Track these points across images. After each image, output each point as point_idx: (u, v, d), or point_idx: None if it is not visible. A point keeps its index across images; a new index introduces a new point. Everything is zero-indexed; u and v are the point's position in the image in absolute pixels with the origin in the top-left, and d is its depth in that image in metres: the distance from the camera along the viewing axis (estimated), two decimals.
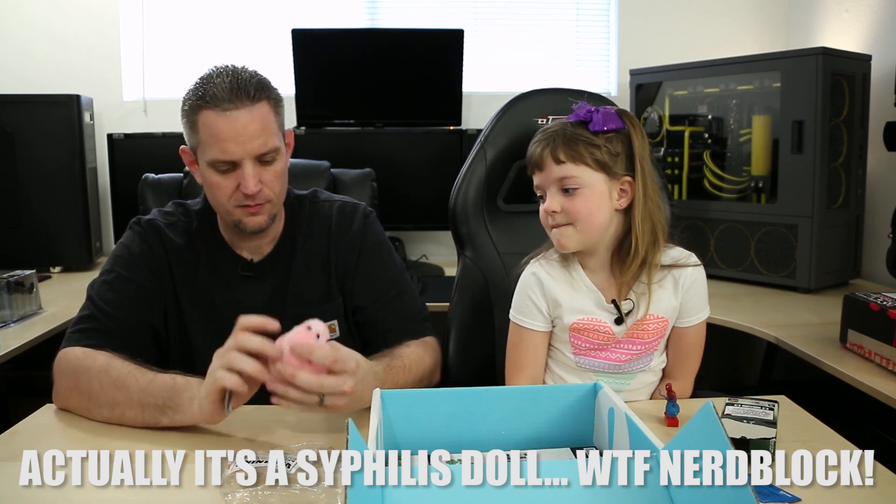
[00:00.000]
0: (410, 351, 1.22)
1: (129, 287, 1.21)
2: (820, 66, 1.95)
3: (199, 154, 1.18)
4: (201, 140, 1.16)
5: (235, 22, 2.70)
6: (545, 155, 1.14)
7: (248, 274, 1.27)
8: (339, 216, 1.32)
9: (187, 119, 1.17)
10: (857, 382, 1.37)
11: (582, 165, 1.12)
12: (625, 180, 1.14)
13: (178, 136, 1.23)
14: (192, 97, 1.16)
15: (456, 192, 1.46)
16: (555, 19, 2.80)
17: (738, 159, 2.19)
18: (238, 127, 1.13)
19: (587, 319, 1.18)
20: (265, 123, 1.16)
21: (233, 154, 1.14)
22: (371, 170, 2.25)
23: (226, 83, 1.14)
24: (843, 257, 2.13)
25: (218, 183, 1.17)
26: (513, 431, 0.94)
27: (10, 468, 0.87)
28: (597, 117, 1.14)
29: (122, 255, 1.24)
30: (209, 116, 1.13)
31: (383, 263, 1.32)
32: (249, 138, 1.14)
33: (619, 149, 1.14)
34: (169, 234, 1.26)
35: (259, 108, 1.16)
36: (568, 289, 1.19)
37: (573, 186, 1.13)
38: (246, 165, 1.15)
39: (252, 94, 1.15)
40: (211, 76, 1.16)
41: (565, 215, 1.14)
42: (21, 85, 2.49)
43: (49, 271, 2.33)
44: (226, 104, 1.13)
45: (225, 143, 1.13)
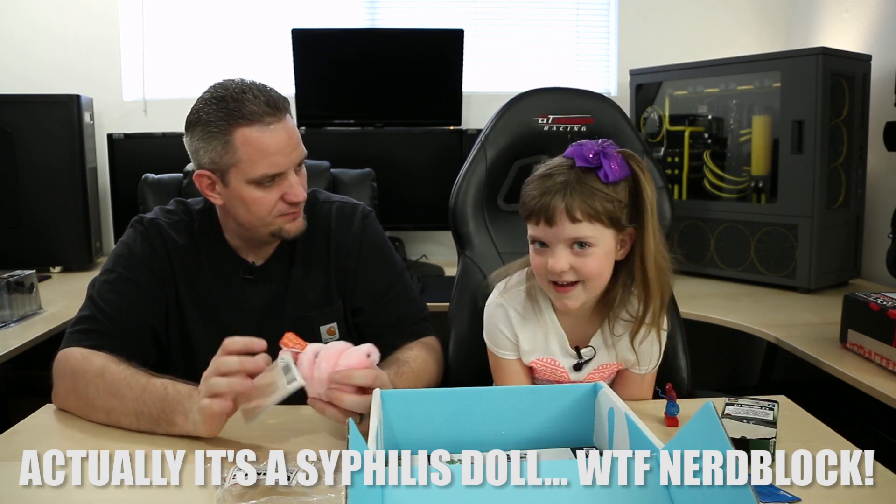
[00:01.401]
0: (415, 355, 1.22)
1: (130, 288, 1.20)
2: (820, 66, 1.95)
3: (232, 174, 1.15)
4: (241, 158, 1.14)
5: (235, 22, 2.70)
6: (559, 210, 1.02)
7: (250, 277, 1.26)
8: (339, 217, 1.31)
9: (217, 139, 1.14)
10: (857, 382, 1.37)
11: (597, 224, 1.03)
12: (628, 231, 1.07)
13: (179, 136, 1.22)
14: (223, 116, 1.13)
15: (456, 192, 1.46)
16: (555, 19, 2.80)
17: (738, 159, 2.19)
18: (283, 138, 1.15)
19: (546, 360, 1.16)
20: (297, 132, 1.20)
21: (281, 166, 1.15)
22: (371, 170, 2.25)
23: (261, 99, 1.14)
24: (843, 257, 2.13)
25: (261, 198, 1.16)
26: (513, 431, 0.94)
27: (10, 468, 0.87)
28: (608, 166, 1.03)
29: (123, 255, 1.24)
30: (251, 133, 1.13)
31: (383, 264, 1.32)
32: (293, 148, 1.17)
33: (625, 198, 1.05)
34: (171, 234, 1.25)
35: (289, 119, 1.18)
36: (533, 327, 1.15)
37: (586, 245, 1.04)
38: (291, 175, 1.17)
39: (283, 107, 1.16)
40: (241, 93, 1.14)
41: (574, 273, 1.05)
42: (21, 85, 2.49)
43: (49, 271, 2.33)
44: (268, 118, 1.13)
45: (274, 157, 1.14)
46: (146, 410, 1.02)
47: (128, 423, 1.03)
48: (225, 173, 1.16)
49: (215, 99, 1.15)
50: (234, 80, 1.17)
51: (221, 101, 1.14)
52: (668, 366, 1.37)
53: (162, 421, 1.02)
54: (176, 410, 1.01)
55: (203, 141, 1.16)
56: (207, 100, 1.16)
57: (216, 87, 1.17)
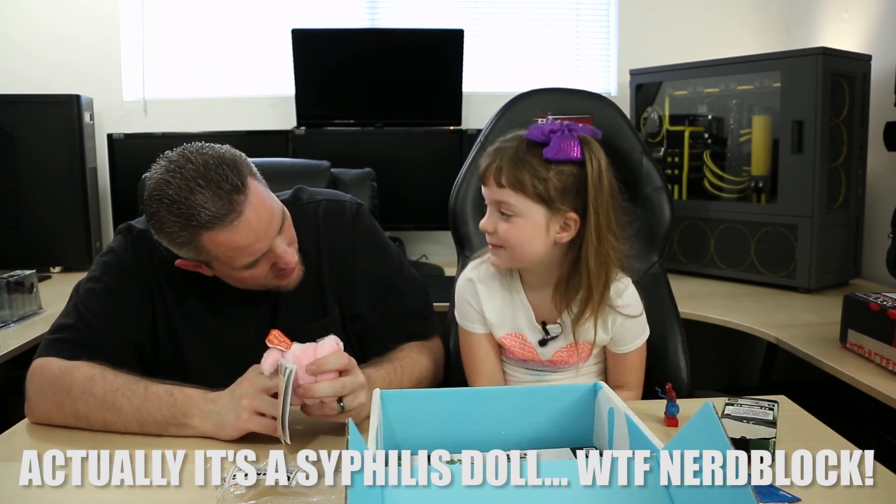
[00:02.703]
0: (404, 354, 1.20)
1: (115, 299, 1.15)
2: (820, 66, 1.95)
3: (215, 264, 1.10)
4: (217, 256, 1.07)
5: (235, 22, 2.70)
6: (489, 173, 1.08)
7: (241, 296, 1.19)
8: (326, 217, 1.25)
9: (186, 246, 1.06)
10: (857, 382, 1.37)
11: (521, 195, 1.06)
12: (569, 216, 1.08)
13: (178, 136, 1.21)
14: (182, 226, 1.03)
15: (456, 192, 1.46)
16: (555, 19, 2.80)
17: (738, 159, 2.19)
18: (254, 227, 1.05)
19: (514, 335, 1.18)
20: (265, 201, 1.07)
21: (262, 250, 1.07)
22: (371, 170, 2.25)
23: (210, 195, 1.01)
24: (843, 257, 2.13)
25: (252, 275, 1.10)
26: (513, 431, 0.94)
27: (10, 468, 0.87)
28: (554, 143, 1.04)
29: (111, 264, 1.18)
30: (217, 236, 1.03)
31: (380, 264, 1.27)
32: (266, 227, 1.06)
33: (569, 183, 1.06)
34: (160, 250, 1.15)
35: (252, 191, 1.05)
36: (501, 301, 1.18)
37: (509, 213, 1.08)
38: (277, 246, 1.09)
39: (239, 186, 1.03)
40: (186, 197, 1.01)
41: (497, 237, 1.10)
42: (21, 85, 2.48)
43: (49, 271, 2.33)
44: (227, 217, 1.02)
45: (250, 248, 1.06)
46: (151, 418, 1.01)
47: (129, 431, 1.02)
48: (208, 263, 1.10)
49: (166, 204, 1.02)
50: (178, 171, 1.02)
51: (173, 206, 1.02)
52: (668, 366, 1.37)
53: (171, 426, 1.01)
54: (191, 414, 1.00)
55: (172, 246, 1.08)
56: (158, 202, 1.03)
57: (161, 183, 1.03)
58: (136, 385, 1.04)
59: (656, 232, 1.43)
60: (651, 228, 1.43)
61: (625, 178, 1.42)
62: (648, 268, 1.42)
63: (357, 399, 0.98)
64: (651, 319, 1.34)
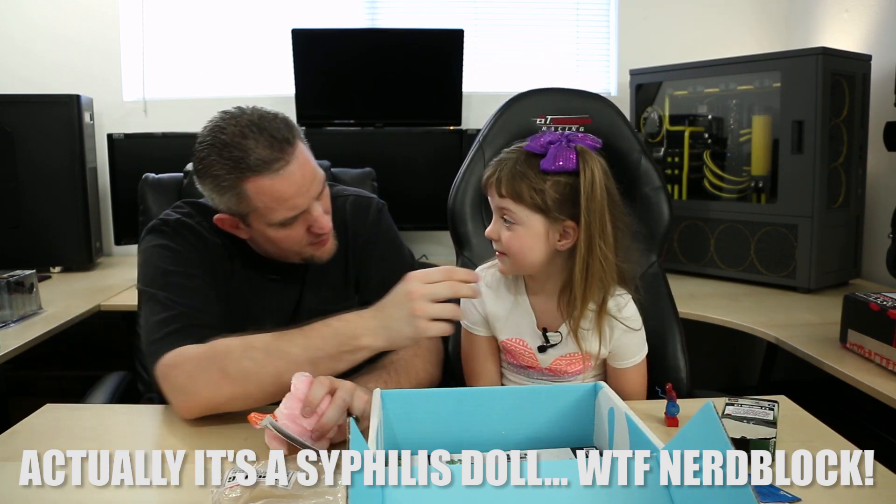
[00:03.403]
0: (398, 357, 1.20)
1: (196, 283, 1.14)
2: (820, 66, 1.95)
3: (253, 219, 1.13)
4: (258, 206, 1.10)
5: (235, 22, 2.70)
6: (490, 183, 1.13)
7: (276, 277, 1.24)
8: (354, 210, 1.31)
9: (229, 190, 1.09)
10: (857, 382, 1.37)
11: (521, 205, 1.09)
12: (567, 224, 1.10)
13: (178, 137, 1.22)
14: (230, 168, 1.07)
15: (454, 192, 1.46)
16: (555, 19, 2.80)
17: (738, 159, 2.19)
18: (298, 180, 1.09)
19: (516, 340, 1.20)
20: (310, 161, 1.13)
21: (301, 206, 1.11)
22: (371, 169, 2.25)
23: (263, 141, 1.07)
24: (843, 257, 2.13)
25: (287, 236, 1.13)
26: (513, 431, 0.94)
27: (10, 468, 0.87)
28: (551, 154, 1.08)
29: (166, 256, 1.16)
30: (261, 183, 1.07)
31: (395, 258, 1.32)
32: (309, 183, 1.11)
33: (565, 193, 1.09)
34: (201, 231, 1.20)
35: (299, 149, 1.11)
36: (506, 304, 1.20)
37: (511, 221, 1.11)
38: (314, 209, 1.12)
39: (290, 141, 1.10)
40: (239, 140, 1.07)
41: (501, 245, 1.13)
42: (21, 85, 2.49)
43: (49, 271, 2.33)
44: (275, 164, 1.07)
45: (291, 201, 1.09)
46: (322, 353, 1.01)
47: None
48: (245, 217, 1.13)
49: (217, 147, 1.08)
50: (233, 118, 1.10)
51: (224, 150, 1.08)
52: (668, 366, 1.37)
53: (344, 354, 1.02)
54: (358, 335, 1.01)
55: (215, 192, 1.12)
56: (209, 146, 1.09)
57: (215, 129, 1.10)
58: (288, 332, 1.04)
59: (655, 232, 1.43)
60: (650, 228, 1.43)
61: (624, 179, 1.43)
62: (647, 268, 1.42)
63: (359, 402, 0.98)
64: (651, 319, 1.34)
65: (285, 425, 0.93)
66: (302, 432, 0.93)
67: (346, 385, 0.98)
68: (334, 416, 0.94)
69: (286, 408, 0.94)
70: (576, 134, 1.13)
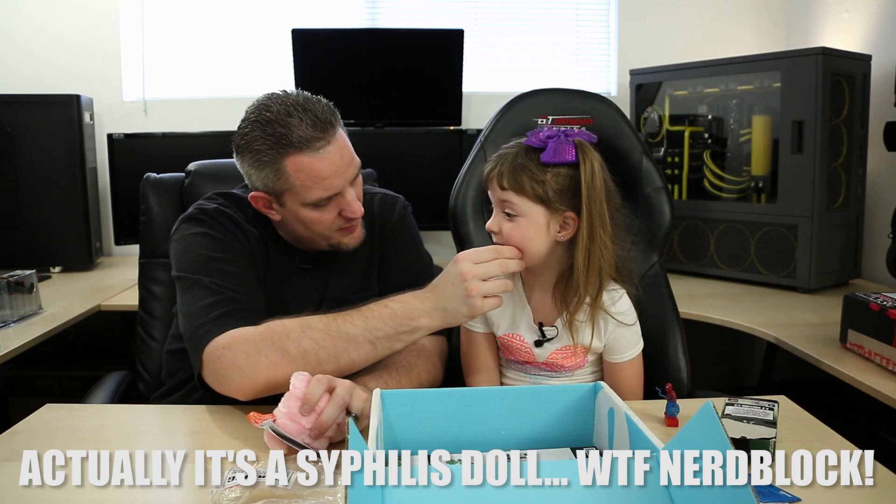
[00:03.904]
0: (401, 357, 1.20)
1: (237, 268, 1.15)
2: (820, 66, 1.95)
3: (287, 198, 1.15)
4: (295, 184, 1.12)
5: (235, 22, 2.70)
6: (492, 177, 1.15)
7: (306, 266, 1.27)
8: (381, 207, 1.35)
9: (268, 167, 1.12)
10: (857, 382, 1.37)
11: (522, 196, 1.12)
12: (568, 215, 1.13)
13: (179, 136, 1.22)
14: (271, 144, 1.10)
15: (456, 193, 1.46)
16: (555, 19, 2.80)
17: (738, 159, 2.19)
18: (336, 161, 1.13)
19: (513, 336, 1.23)
20: (348, 145, 1.17)
21: (337, 188, 1.14)
22: (371, 170, 2.25)
23: (307, 120, 1.11)
24: (843, 257, 2.13)
25: (319, 218, 1.16)
26: (513, 431, 0.94)
27: (10, 468, 0.87)
28: (550, 148, 1.12)
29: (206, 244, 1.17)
30: (301, 160, 1.11)
31: (415, 256, 1.36)
32: (346, 167, 1.15)
33: (565, 184, 1.12)
34: (238, 220, 1.22)
35: (339, 133, 1.15)
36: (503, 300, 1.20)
37: (513, 213, 1.14)
38: (348, 192, 1.15)
39: (332, 122, 1.13)
40: (283, 117, 1.10)
41: (502, 237, 1.15)
42: (21, 85, 2.48)
43: (49, 271, 2.33)
44: (317, 142, 1.11)
45: (328, 181, 1.12)
46: (382, 333, 1.05)
47: (362, 356, 1.05)
48: (280, 196, 1.15)
49: (261, 123, 1.12)
50: (279, 98, 1.13)
51: (268, 126, 1.11)
52: (668, 366, 1.37)
53: (402, 334, 1.05)
54: (415, 316, 1.05)
55: (254, 168, 1.14)
56: (254, 123, 1.13)
57: (261, 107, 1.13)
58: (345, 313, 1.06)
59: (656, 232, 1.43)
60: (651, 228, 1.42)
61: (625, 179, 1.43)
62: (648, 268, 1.42)
63: (358, 400, 0.98)
64: (651, 319, 1.34)
65: (283, 424, 0.93)
66: (301, 430, 0.93)
67: (344, 384, 0.98)
68: (333, 413, 0.94)
69: (285, 406, 0.94)
70: (572, 129, 1.16)
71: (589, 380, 1.24)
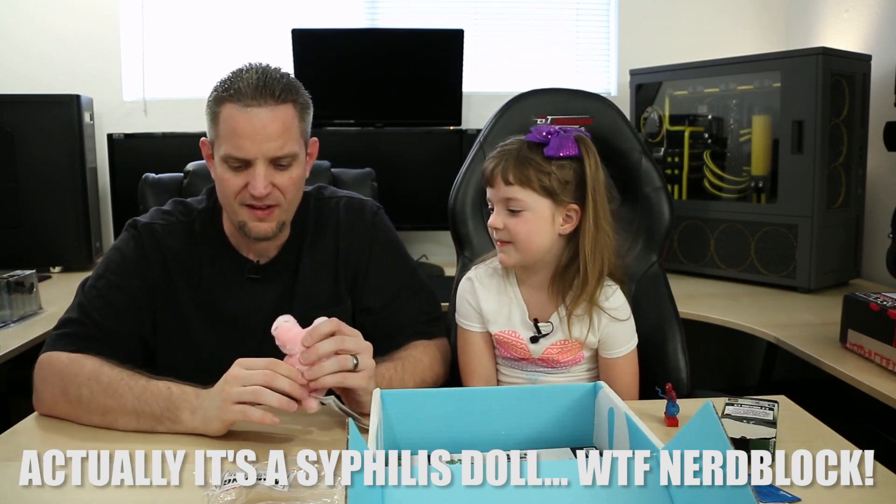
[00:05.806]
0: (407, 353, 1.21)
1: (119, 296, 1.18)
2: (820, 66, 1.95)
3: (216, 147, 1.16)
4: (219, 133, 1.14)
5: (235, 22, 2.70)
6: (496, 173, 1.16)
7: (255, 276, 1.24)
8: (347, 214, 1.30)
9: (210, 110, 1.16)
10: (857, 382, 1.37)
11: (528, 190, 1.14)
12: (571, 207, 1.16)
13: (178, 136, 1.23)
14: (219, 89, 1.15)
15: (455, 193, 1.46)
16: (555, 19, 2.80)
17: (738, 159, 2.19)
18: (256, 125, 1.11)
19: (508, 332, 1.23)
20: (286, 126, 1.14)
21: (247, 152, 1.12)
22: (371, 169, 2.25)
23: (253, 79, 1.13)
24: (843, 257, 2.13)
25: (228, 179, 1.15)
26: (513, 431, 0.94)
27: (10, 468, 0.86)
28: (553, 142, 1.14)
29: (114, 260, 1.21)
30: (230, 110, 1.12)
31: (395, 264, 1.30)
32: (266, 139, 1.12)
33: (569, 177, 1.15)
34: (167, 239, 1.22)
35: (283, 110, 1.14)
36: (497, 299, 1.24)
37: (517, 208, 1.15)
38: (258, 166, 1.12)
39: (277, 95, 1.13)
40: (241, 71, 1.16)
41: (507, 233, 1.16)
42: (21, 85, 2.48)
43: (49, 271, 2.33)
44: (248, 100, 1.11)
45: (240, 140, 1.11)
46: (148, 409, 1.02)
47: (125, 422, 1.03)
48: (213, 144, 1.17)
49: (230, 72, 1.17)
50: (257, 62, 1.19)
51: (225, 79, 1.16)
52: (668, 366, 1.37)
53: (165, 419, 1.01)
54: (181, 408, 1.01)
55: (207, 112, 1.17)
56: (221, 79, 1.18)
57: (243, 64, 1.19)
58: (139, 378, 1.05)
59: (656, 232, 1.43)
60: (650, 228, 1.43)
61: (624, 178, 1.43)
62: (648, 268, 1.42)
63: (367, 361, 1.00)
64: (650, 319, 1.34)
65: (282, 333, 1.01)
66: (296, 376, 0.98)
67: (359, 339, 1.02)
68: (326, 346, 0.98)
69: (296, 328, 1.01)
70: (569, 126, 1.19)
71: (585, 378, 1.25)
